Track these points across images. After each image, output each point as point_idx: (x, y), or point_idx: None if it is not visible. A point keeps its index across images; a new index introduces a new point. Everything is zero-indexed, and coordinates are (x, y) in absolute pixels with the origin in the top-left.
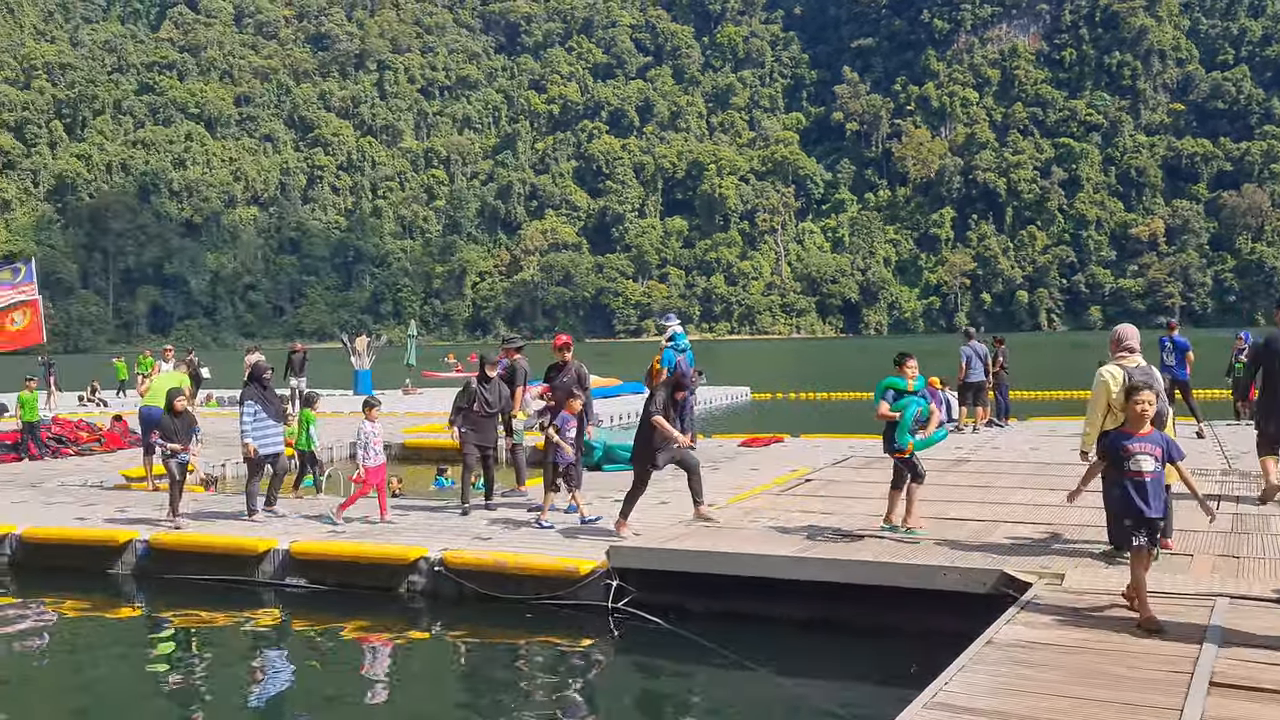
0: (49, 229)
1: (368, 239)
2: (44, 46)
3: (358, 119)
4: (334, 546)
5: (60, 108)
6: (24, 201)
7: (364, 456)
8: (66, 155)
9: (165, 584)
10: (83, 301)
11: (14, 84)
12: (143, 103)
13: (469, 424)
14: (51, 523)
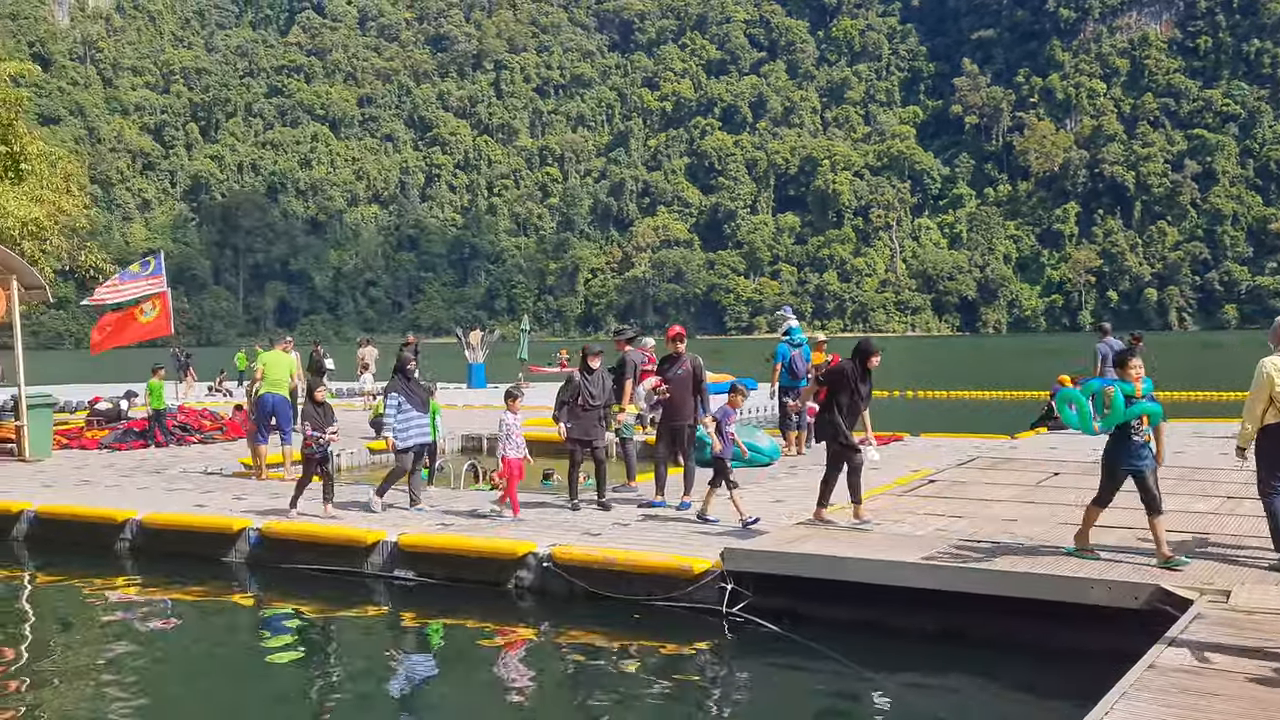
0: (184, 227)
1: (483, 236)
2: (181, 52)
3: (474, 118)
4: (442, 539)
5: (196, 111)
6: (162, 201)
7: (504, 448)
8: (201, 156)
9: (277, 572)
10: (215, 296)
11: (154, 89)
12: (272, 105)
13: (573, 418)
14: (172, 509)
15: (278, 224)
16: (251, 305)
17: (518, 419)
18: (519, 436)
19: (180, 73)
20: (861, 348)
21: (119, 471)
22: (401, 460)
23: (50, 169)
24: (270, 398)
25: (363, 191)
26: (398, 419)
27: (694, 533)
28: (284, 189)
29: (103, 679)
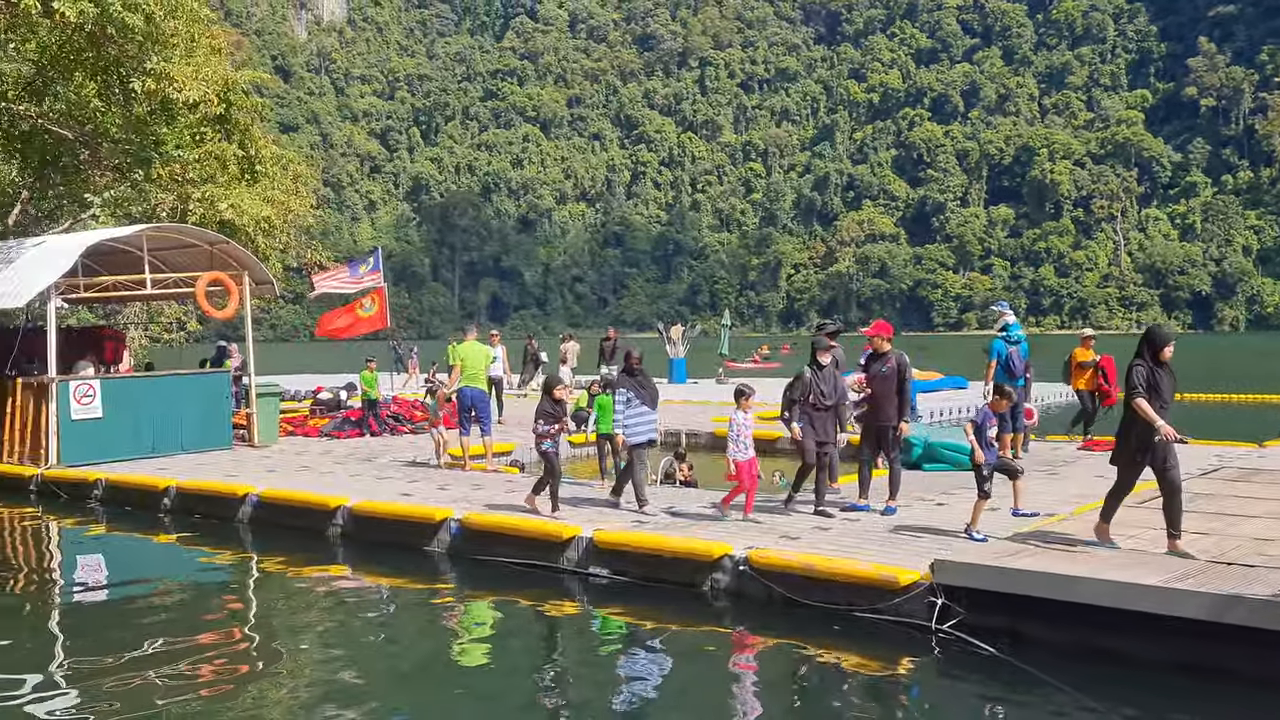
0: (406, 226)
1: (686, 232)
2: (405, 60)
3: (679, 115)
4: (637, 537)
5: (418, 115)
6: (386, 202)
7: (734, 450)
8: (422, 159)
9: (475, 564)
10: (433, 292)
11: (381, 95)
12: (487, 108)
13: (804, 418)
14: (380, 497)
15: (491, 222)
16: (466, 301)
17: (749, 418)
18: (749, 437)
19: (404, 80)
20: (1151, 335)
21: (334, 459)
22: (635, 456)
23: (281, 171)
24: (468, 391)
25: (570, 190)
26: (627, 415)
27: (900, 540)
28: (497, 189)
29: (312, 662)
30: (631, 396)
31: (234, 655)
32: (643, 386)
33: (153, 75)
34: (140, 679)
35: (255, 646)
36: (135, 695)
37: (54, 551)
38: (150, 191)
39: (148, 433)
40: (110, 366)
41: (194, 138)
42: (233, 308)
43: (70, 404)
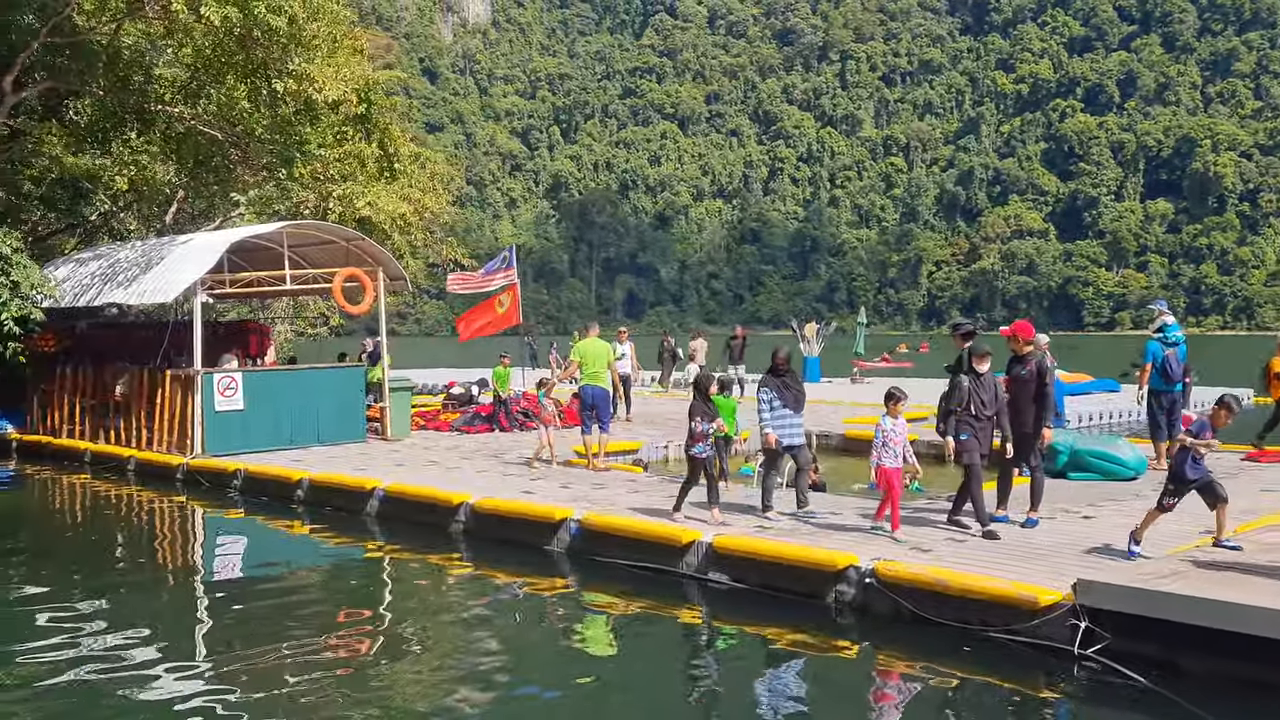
0: (546, 224)
1: (824, 229)
2: (546, 60)
3: (818, 110)
4: (759, 544)
5: (558, 114)
6: (526, 199)
7: (879, 456)
8: (561, 157)
9: (594, 565)
10: (570, 289)
11: (523, 95)
12: (625, 105)
13: (963, 428)
14: (504, 494)
15: (628, 219)
16: (603, 297)
17: (900, 424)
18: (899, 444)
19: (545, 79)
20: None
21: (462, 454)
22: (773, 460)
23: (420, 169)
24: (589, 389)
25: (707, 186)
26: (772, 416)
27: (1040, 556)
28: (634, 186)
29: (432, 658)
30: (774, 398)
31: (357, 644)
32: (787, 388)
33: (294, 76)
34: (272, 659)
35: (375, 637)
36: (267, 674)
37: (196, 536)
38: (293, 190)
39: (286, 424)
40: (255, 360)
41: (336, 137)
42: (367, 303)
43: (214, 396)
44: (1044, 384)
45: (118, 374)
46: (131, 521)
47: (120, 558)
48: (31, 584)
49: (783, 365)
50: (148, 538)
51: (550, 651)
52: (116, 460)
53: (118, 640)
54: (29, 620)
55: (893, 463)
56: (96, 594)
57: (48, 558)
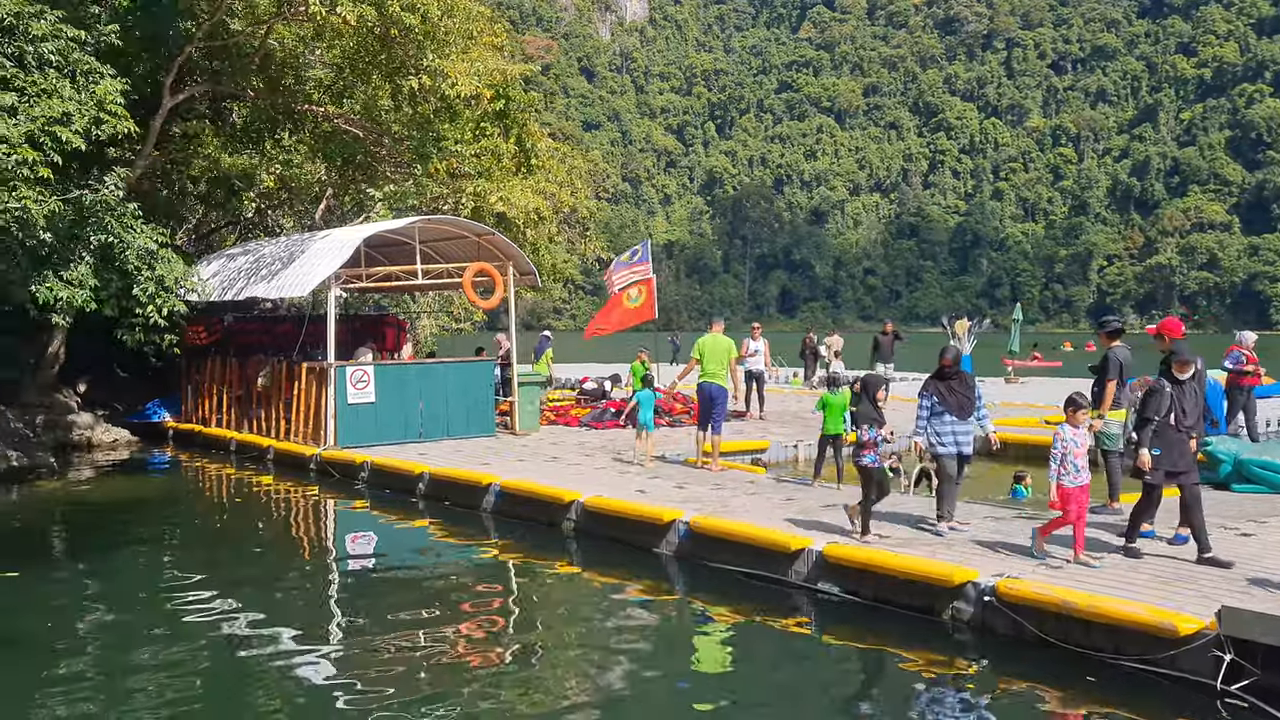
0: (699, 220)
1: (987, 222)
2: (702, 56)
3: (982, 100)
4: (870, 554)
5: (713, 110)
6: (680, 195)
7: (1058, 472)
8: (716, 153)
9: (703, 570)
10: (723, 284)
11: (679, 92)
12: (781, 100)
13: (1161, 442)
14: (618, 493)
15: (782, 214)
16: (756, 292)
17: (1081, 434)
18: (1080, 458)
19: (701, 75)
20: None
21: (585, 450)
22: (945, 466)
23: (559, 164)
24: (707, 386)
25: (864, 181)
26: (930, 422)
27: (1185, 578)
28: (789, 180)
29: (544, 657)
30: (935, 402)
31: (465, 636)
32: (951, 392)
33: (428, 73)
34: (389, 649)
35: (483, 631)
36: (390, 662)
37: (323, 527)
38: (428, 186)
39: (416, 417)
40: (393, 353)
41: (474, 134)
42: (497, 297)
43: (346, 388)
44: (1200, 386)
45: (259, 366)
46: (265, 510)
47: (252, 546)
48: (173, 569)
49: (949, 367)
50: (279, 527)
51: (656, 662)
52: (257, 450)
53: (254, 623)
54: (174, 602)
55: (1073, 481)
56: (229, 583)
57: (186, 545)
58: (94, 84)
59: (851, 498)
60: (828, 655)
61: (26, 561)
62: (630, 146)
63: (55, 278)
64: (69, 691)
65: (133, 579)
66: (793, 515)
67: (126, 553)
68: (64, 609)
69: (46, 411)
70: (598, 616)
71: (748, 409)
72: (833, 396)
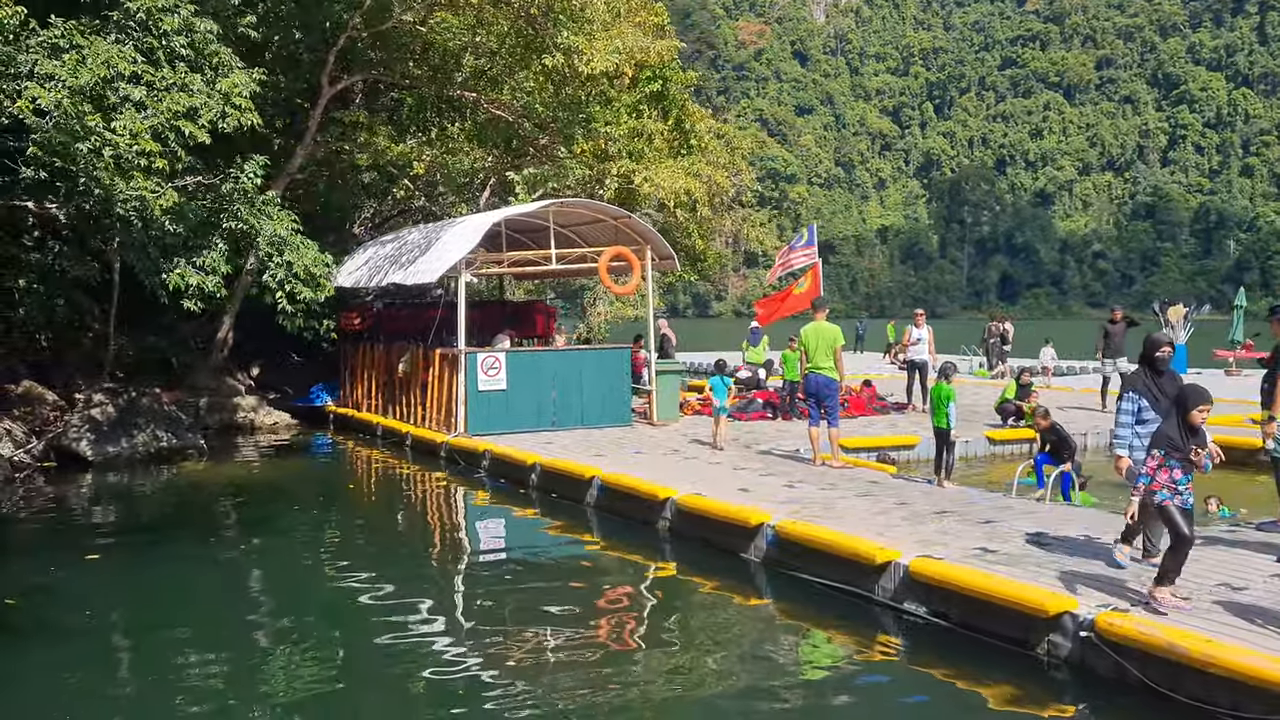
0: (914, 204)
1: (1234, 201)
2: (920, 34)
3: (1231, 69)
4: (958, 572)
5: (931, 90)
6: (896, 179)
7: None
8: (934, 134)
9: (789, 580)
10: (940, 270)
11: (895, 73)
12: (1005, 77)
13: None
14: (720, 491)
15: (1004, 196)
16: (975, 279)
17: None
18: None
19: (919, 54)
20: None
21: (726, 442)
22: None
23: (721, 145)
24: (812, 378)
25: (1095, 159)
26: (1134, 431)
27: None
28: (1012, 161)
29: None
30: (1143, 405)
31: (558, 633)
32: (1164, 394)
33: (562, 50)
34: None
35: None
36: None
37: (441, 516)
38: (571, 168)
39: (549, 405)
40: (544, 339)
41: (631, 114)
42: (634, 282)
43: (478, 375)
44: None
45: (400, 352)
46: (387, 497)
47: (369, 533)
48: (285, 555)
49: (1162, 359)
50: (405, 514)
51: (729, 682)
52: (398, 435)
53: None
54: (317, 584)
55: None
56: (338, 569)
57: (302, 531)
58: (223, 77)
59: (965, 504)
60: (907, 684)
61: (142, 542)
62: (844, 130)
63: (188, 264)
64: (202, 672)
65: (246, 562)
66: (896, 522)
67: (241, 536)
68: (190, 586)
69: (213, 394)
70: (677, 628)
71: (909, 400)
72: (944, 387)
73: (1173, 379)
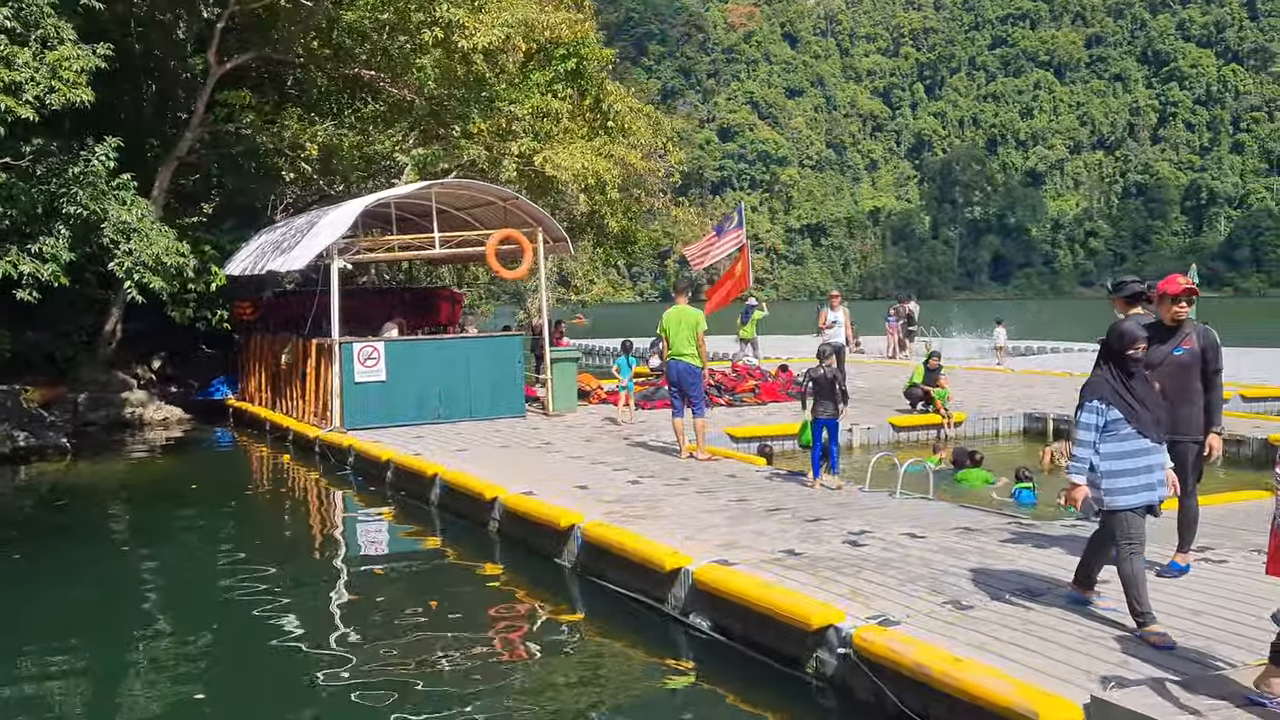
0: (906, 185)
1: (1225, 178)
2: (911, 15)
3: (1221, 45)
4: (736, 581)
5: (921, 70)
6: (887, 160)
7: None
8: (925, 115)
9: (595, 587)
10: (931, 251)
11: (885, 53)
12: (995, 56)
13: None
14: (555, 489)
15: (995, 177)
16: (966, 259)
17: None
18: None
19: (909, 35)
20: None
21: (586, 434)
22: (1122, 526)
23: (646, 126)
24: (672, 365)
25: (1086, 138)
26: (1103, 455)
27: (1085, 640)
28: (1003, 141)
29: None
30: (1115, 418)
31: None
32: (1138, 399)
33: (440, 24)
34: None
35: (359, 640)
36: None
37: (298, 513)
38: (465, 148)
39: (434, 397)
40: (448, 328)
41: (543, 93)
42: (525, 267)
43: (354, 366)
44: (1210, 369)
45: (284, 343)
46: (252, 497)
47: (216, 533)
48: (119, 559)
49: (1135, 357)
50: (253, 514)
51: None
52: (281, 430)
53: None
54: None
55: None
56: (179, 570)
57: (143, 533)
58: (50, 50)
59: (852, 510)
60: (687, 713)
61: None
62: (835, 112)
63: (20, 251)
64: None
65: (70, 568)
66: (718, 522)
67: (79, 539)
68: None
69: (100, 389)
70: (489, 638)
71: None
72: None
73: (1146, 383)
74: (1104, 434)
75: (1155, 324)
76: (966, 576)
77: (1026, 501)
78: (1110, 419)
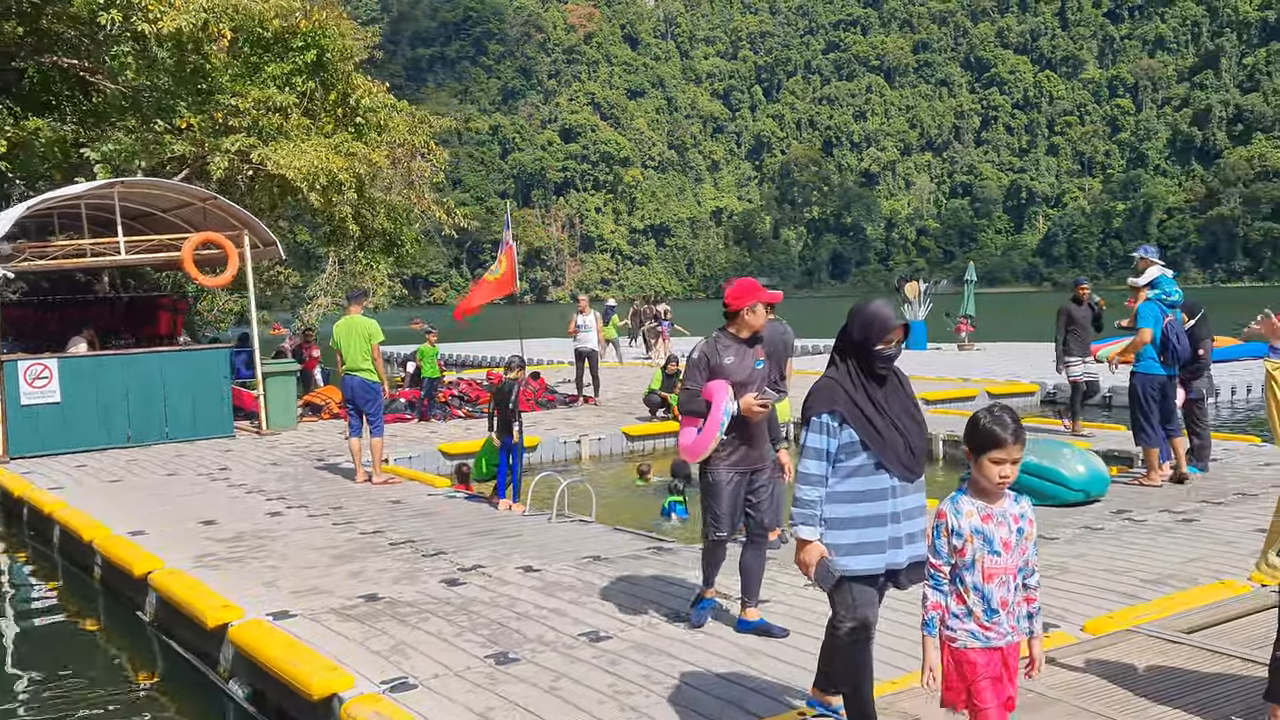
0: (747, 185)
1: (1042, 178)
2: (748, 19)
3: (1035, 53)
4: (268, 642)
5: (760, 73)
6: (729, 161)
7: None
8: (764, 117)
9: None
10: (772, 250)
11: (724, 56)
12: (829, 60)
13: None
14: (183, 522)
15: (832, 177)
16: (807, 258)
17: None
18: None
19: (747, 38)
20: None
21: (302, 454)
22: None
23: (404, 123)
24: (346, 380)
25: (915, 140)
26: (821, 492)
27: (745, 677)
28: (839, 143)
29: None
30: (849, 440)
31: None
32: (880, 413)
33: (118, 6)
34: None
35: None
36: None
37: None
38: (167, 143)
39: (122, 419)
40: (166, 340)
41: (281, 86)
42: (230, 273)
43: (20, 387)
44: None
45: None
46: None
47: None
48: None
49: (884, 354)
50: None
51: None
52: None
53: None
54: None
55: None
56: None
57: None
58: None
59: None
60: None
61: None
62: (676, 113)
63: None
64: None
65: None
66: (326, 561)
67: None
68: None
69: None
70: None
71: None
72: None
73: (897, 382)
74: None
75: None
76: (541, 620)
77: (680, 515)
78: (844, 442)
